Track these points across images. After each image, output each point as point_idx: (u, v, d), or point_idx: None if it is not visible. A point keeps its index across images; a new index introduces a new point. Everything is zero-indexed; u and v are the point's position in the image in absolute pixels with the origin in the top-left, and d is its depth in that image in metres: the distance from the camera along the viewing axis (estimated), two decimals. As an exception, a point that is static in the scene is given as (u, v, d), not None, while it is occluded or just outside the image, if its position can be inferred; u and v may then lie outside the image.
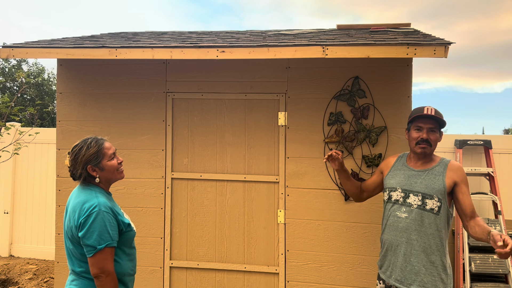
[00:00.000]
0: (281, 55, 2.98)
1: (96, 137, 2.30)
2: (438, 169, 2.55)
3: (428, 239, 2.50)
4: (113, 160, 2.28)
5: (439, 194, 2.50)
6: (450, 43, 2.78)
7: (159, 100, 3.62)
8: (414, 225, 2.53)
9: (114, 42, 3.42)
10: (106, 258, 2.09)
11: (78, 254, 2.17)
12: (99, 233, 2.08)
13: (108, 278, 2.08)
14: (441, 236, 2.50)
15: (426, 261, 2.49)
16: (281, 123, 3.46)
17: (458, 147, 5.01)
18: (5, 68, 14.55)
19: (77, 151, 2.22)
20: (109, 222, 2.12)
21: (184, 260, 3.59)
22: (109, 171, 2.26)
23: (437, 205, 2.49)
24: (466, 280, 4.49)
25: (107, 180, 2.29)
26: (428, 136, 2.57)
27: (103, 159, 2.24)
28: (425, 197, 2.52)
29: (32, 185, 6.22)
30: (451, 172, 2.52)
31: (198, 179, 3.58)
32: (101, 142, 2.27)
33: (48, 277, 5.59)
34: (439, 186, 2.50)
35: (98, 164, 2.23)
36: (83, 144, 2.24)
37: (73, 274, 2.21)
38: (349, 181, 2.86)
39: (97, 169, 2.23)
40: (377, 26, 3.96)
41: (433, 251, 2.49)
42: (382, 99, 3.35)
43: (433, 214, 2.50)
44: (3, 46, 3.26)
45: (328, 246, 3.39)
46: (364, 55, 2.87)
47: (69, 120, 3.71)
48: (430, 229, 2.49)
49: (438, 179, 2.52)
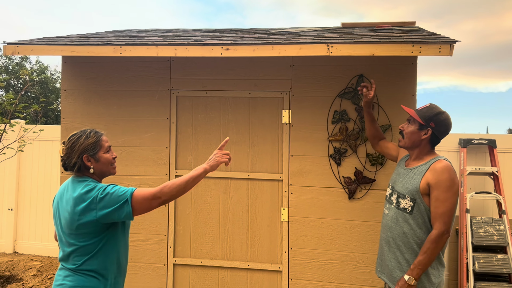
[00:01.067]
0: (286, 53, 2.98)
1: (94, 129, 2.32)
2: (421, 168, 2.47)
3: (401, 237, 2.49)
4: (108, 153, 2.29)
5: (411, 194, 2.44)
6: (455, 41, 2.78)
7: (163, 98, 3.62)
8: (391, 223, 2.57)
9: (118, 39, 3.43)
10: (142, 196, 2.06)
11: (76, 247, 2.12)
12: (119, 189, 2.08)
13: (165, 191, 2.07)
14: (418, 236, 2.43)
15: (402, 258, 2.49)
16: (285, 121, 3.46)
17: (463, 146, 4.99)
18: (9, 66, 14.60)
19: (75, 140, 2.22)
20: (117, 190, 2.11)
21: (187, 258, 3.59)
22: (103, 163, 2.26)
23: (410, 205, 2.46)
24: (470, 280, 4.48)
25: (100, 172, 2.28)
26: (403, 127, 2.59)
27: (100, 151, 2.24)
28: (400, 196, 2.52)
29: (36, 182, 6.24)
30: (429, 173, 2.41)
31: (202, 177, 3.58)
32: (99, 134, 2.28)
33: (52, 273, 5.61)
34: (413, 186, 2.44)
35: (94, 154, 2.23)
36: (81, 134, 2.25)
37: (66, 270, 2.16)
38: (372, 122, 2.97)
39: (92, 160, 2.22)
40: (381, 25, 3.95)
41: (407, 250, 2.46)
42: (386, 97, 3.34)
43: (407, 213, 2.47)
44: (8, 43, 3.27)
45: (331, 244, 3.39)
46: (369, 53, 2.87)
47: (74, 117, 3.72)
48: (403, 228, 2.48)
49: (415, 179, 2.46)
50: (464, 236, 4.66)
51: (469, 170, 4.87)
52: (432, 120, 2.48)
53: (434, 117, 2.49)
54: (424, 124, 2.49)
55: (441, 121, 2.49)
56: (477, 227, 4.64)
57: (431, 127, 2.49)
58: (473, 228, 4.64)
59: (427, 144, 2.53)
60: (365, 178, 3.34)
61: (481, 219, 4.69)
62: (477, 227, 4.64)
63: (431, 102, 2.59)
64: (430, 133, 2.49)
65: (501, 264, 4.44)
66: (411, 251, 2.45)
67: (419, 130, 2.51)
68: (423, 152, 2.54)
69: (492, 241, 4.56)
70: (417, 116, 2.51)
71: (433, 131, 2.49)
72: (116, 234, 2.20)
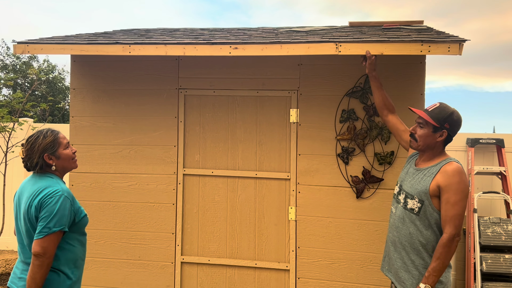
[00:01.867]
0: (294, 52, 2.99)
1: (50, 128, 2.41)
2: (432, 169, 2.42)
3: (407, 237, 2.46)
4: (67, 149, 2.38)
5: (419, 195, 2.40)
6: (464, 40, 2.77)
7: (171, 97, 3.63)
8: (398, 222, 2.54)
9: (127, 38, 3.44)
10: (54, 241, 2.16)
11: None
12: (59, 217, 2.17)
13: (47, 261, 2.14)
14: (424, 237, 2.40)
15: (407, 259, 2.47)
16: (293, 120, 3.47)
17: (470, 145, 4.98)
18: (16, 65, 14.69)
19: (33, 141, 2.31)
20: (68, 209, 2.22)
21: (195, 256, 3.61)
22: (64, 159, 2.36)
23: (417, 206, 2.42)
24: (477, 280, 4.46)
25: (62, 168, 2.38)
26: (415, 130, 2.51)
27: (59, 148, 2.34)
28: (407, 197, 2.49)
29: (44, 180, 6.28)
30: (440, 175, 2.36)
31: (209, 175, 3.60)
32: (56, 132, 2.38)
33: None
34: (422, 187, 2.40)
35: (54, 152, 2.32)
36: (39, 134, 2.33)
37: (25, 264, 2.27)
38: (380, 91, 2.89)
39: (53, 158, 2.32)
40: (389, 23, 3.94)
41: (412, 250, 2.44)
42: (395, 96, 3.32)
43: (413, 214, 2.44)
44: (19, 42, 3.30)
45: (339, 244, 3.39)
46: (377, 52, 2.86)
47: (82, 115, 3.74)
48: (409, 228, 2.45)
49: (425, 180, 2.41)
50: (472, 236, 4.64)
51: (476, 170, 4.85)
52: (447, 121, 2.41)
53: (448, 118, 2.41)
54: (438, 126, 2.42)
55: (455, 121, 2.43)
56: (484, 227, 4.62)
57: (446, 129, 2.42)
58: (481, 228, 4.62)
59: (441, 145, 2.47)
60: (373, 177, 3.34)
61: (489, 219, 4.68)
62: (484, 227, 4.62)
63: (439, 101, 2.52)
64: (446, 135, 2.43)
65: (509, 264, 4.42)
66: (417, 252, 2.43)
67: (433, 132, 2.44)
68: (436, 153, 2.48)
69: (500, 241, 4.54)
70: (430, 118, 2.43)
71: (448, 132, 2.43)
72: (71, 232, 2.29)
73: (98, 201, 3.70)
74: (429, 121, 2.43)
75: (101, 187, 3.70)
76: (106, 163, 3.70)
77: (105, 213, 3.69)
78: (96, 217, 3.70)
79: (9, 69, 14.39)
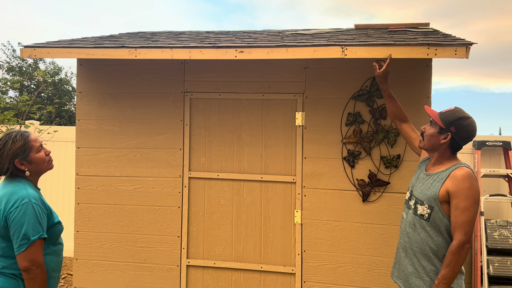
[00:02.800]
0: (300, 55, 2.98)
1: (20, 130, 2.25)
2: (441, 175, 2.39)
3: (418, 243, 2.44)
4: (40, 152, 2.24)
5: (429, 201, 2.38)
6: (471, 43, 2.75)
7: (177, 100, 3.64)
8: (408, 228, 2.51)
9: (133, 42, 3.45)
10: (37, 249, 2.06)
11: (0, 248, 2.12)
12: (32, 225, 2.05)
13: (39, 270, 2.05)
14: (435, 243, 2.38)
15: (418, 265, 2.44)
16: (299, 123, 3.46)
17: (477, 148, 4.95)
18: (23, 68, 14.77)
19: (2, 146, 2.15)
20: (39, 214, 2.09)
21: (200, 259, 3.61)
22: (37, 163, 2.23)
23: (427, 212, 2.39)
24: (484, 283, 4.43)
25: (37, 172, 2.25)
26: (425, 128, 2.53)
27: (31, 152, 2.19)
28: (417, 202, 2.46)
29: (50, 183, 6.31)
30: (449, 181, 2.32)
31: (215, 179, 3.60)
32: (26, 135, 2.22)
33: (66, 273, 5.67)
34: (432, 193, 2.37)
35: (26, 157, 2.18)
36: (7, 139, 2.17)
37: None
38: (389, 99, 2.87)
39: (25, 163, 2.18)
40: (395, 26, 3.93)
41: (423, 257, 2.42)
42: (401, 99, 3.30)
43: (424, 220, 2.41)
44: (25, 46, 3.32)
45: (345, 247, 3.38)
46: (384, 56, 2.85)
47: (88, 119, 3.76)
48: (421, 234, 2.42)
49: (434, 186, 2.38)
50: (479, 239, 4.61)
51: (483, 172, 4.82)
52: (453, 125, 2.38)
53: (455, 122, 2.38)
54: (444, 128, 2.40)
55: (463, 127, 2.38)
56: (491, 230, 4.59)
57: (451, 132, 2.39)
58: (488, 231, 4.59)
59: (447, 148, 2.44)
60: (379, 180, 3.32)
61: (496, 222, 4.65)
62: (491, 230, 4.60)
63: (456, 106, 2.49)
64: (450, 138, 2.40)
65: (517, 267, 4.39)
66: (428, 259, 2.41)
67: (438, 133, 2.42)
68: (443, 156, 2.45)
69: (507, 244, 4.51)
70: (438, 119, 2.42)
71: (452, 136, 2.39)
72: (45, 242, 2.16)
73: (104, 204, 3.71)
74: (437, 121, 2.43)
75: (107, 190, 3.71)
76: (112, 166, 3.70)
77: (111, 216, 3.70)
78: (102, 220, 3.71)
79: (15, 72, 14.47)
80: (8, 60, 14.81)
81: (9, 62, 14.78)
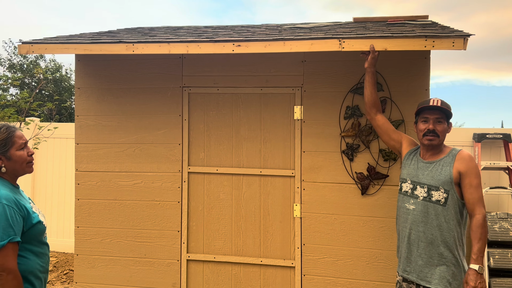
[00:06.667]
0: (297, 49, 2.97)
1: (7, 123, 2.15)
2: (446, 159, 2.55)
3: (434, 231, 2.50)
4: (22, 151, 2.13)
5: (445, 185, 2.50)
6: (469, 35, 2.74)
7: (175, 95, 3.64)
8: (420, 217, 2.57)
9: (131, 37, 3.45)
10: (8, 254, 1.94)
11: None
12: (2, 228, 1.94)
13: (10, 277, 1.93)
14: (450, 228, 2.49)
15: (434, 253, 2.51)
16: (297, 117, 3.46)
17: (477, 141, 4.94)
18: (23, 65, 14.78)
19: None
20: (11, 216, 1.97)
21: (200, 253, 3.62)
22: (16, 161, 2.11)
23: (443, 197, 2.49)
24: (485, 276, 4.44)
25: (13, 171, 2.13)
26: (435, 127, 2.60)
27: (12, 148, 2.09)
28: (431, 189, 2.54)
29: (51, 179, 6.34)
30: (458, 162, 2.51)
31: (214, 173, 3.60)
32: (12, 130, 2.12)
33: (67, 269, 5.70)
34: (445, 177, 2.50)
35: (5, 152, 2.08)
36: None
37: None
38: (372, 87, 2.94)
39: (3, 158, 2.08)
40: (394, 19, 3.92)
41: (441, 243, 2.49)
42: (399, 92, 3.31)
43: (440, 205, 2.50)
44: (23, 42, 3.32)
45: (344, 240, 3.39)
46: (381, 48, 2.85)
47: (87, 115, 3.76)
48: (436, 220, 2.50)
49: (445, 170, 2.52)
50: (479, 231, 4.61)
51: (483, 165, 4.81)
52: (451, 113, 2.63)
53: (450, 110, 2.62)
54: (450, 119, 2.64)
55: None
56: (492, 223, 4.59)
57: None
58: (488, 223, 4.59)
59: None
60: (378, 173, 3.32)
61: (496, 215, 4.64)
62: (492, 222, 4.60)
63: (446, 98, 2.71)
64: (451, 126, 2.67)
65: (517, 260, 4.39)
66: (444, 244, 2.49)
67: (447, 126, 2.64)
68: (442, 144, 2.64)
69: (508, 237, 4.51)
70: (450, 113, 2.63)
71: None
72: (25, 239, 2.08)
73: (104, 200, 3.72)
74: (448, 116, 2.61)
75: (106, 185, 3.72)
76: (111, 161, 3.71)
77: (110, 212, 3.71)
78: (102, 215, 3.72)
79: (16, 69, 14.49)
80: (9, 58, 14.82)
81: (11, 60, 14.79)
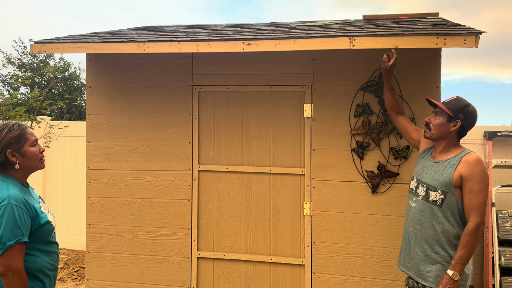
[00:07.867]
0: (307, 47, 2.97)
1: (18, 122, 2.19)
2: (452, 161, 2.50)
3: (430, 230, 2.50)
4: (34, 147, 2.17)
5: (443, 186, 2.46)
6: (481, 32, 2.72)
7: (185, 94, 3.66)
8: (418, 216, 2.58)
9: (141, 36, 3.47)
10: (14, 255, 1.96)
11: None
12: (9, 228, 1.95)
13: (16, 277, 1.96)
14: (445, 229, 2.46)
15: (430, 251, 2.50)
16: (307, 115, 3.46)
17: (488, 138, 4.90)
18: (33, 64, 14.90)
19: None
20: (20, 217, 1.99)
21: (211, 251, 3.64)
22: (30, 158, 2.15)
23: (440, 198, 2.47)
24: (496, 274, 4.41)
25: (26, 168, 2.16)
26: (430, 119, 2.61)
27: (25, 144, 2.13)
28: (429, 189, 2.53)
29: (62, 177, 6.39)
30: (462, 166, 2.44)
31: (224, 171, 3.61)
32: (24, 127, 2.16)
33: (78, 266, 5.75)
34: (445, 178, 2.46)
35: (19, 149, 2.11)
36: (4, 127, 2.11)
37: None
38: (391, 91, 2.94)
39: (17, 155, 2.11)
40: (404, 16, 3.90)
41: (436, 243, 2.48)
42: (410, 90, 3.30)
43: (436, 206, 2.49)
44: (35, 42, 3.35)
45: (354, 239, 3.38)
46: (392, 46, 2.83)
47: (98, 113, 3.79)
48: (431, 220, 2.50)
49: (446, 171, 2.47)
50: (490, 230, 4.58)
51: (494, 163, 4.77)
52: (462, 112, 2.51)
53: (463, 109, 2.52)
54: (453, 116, 2.52)
55: (469, 113, 2.53)
56: (503, 221, 4.56)
57: (460, 119, 2.52)
58: (499, 222, 4.56)
59: (455, 136, 2.56)
60: (389, 172, 3.31)
61: (507, 213, 4.61)
62: (503, 221, 4.56)
63: (457, 95, 2.62)
64: (460, 125, 2.52)
65: (529, 258, 4.35)
66: (439, 244, 2.47)
67: (448, 122, 2.54)
68: (450, 144, 2.57)
69: (519, 236, 4.47)
70: (446, 108, 2.53)
71: (462, 123, 2.52)
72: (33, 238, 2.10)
73: (115, 198, 3.75)
74: (445, 110, 2.52)
75: (117, 183, 3.75)
76: (122, 160, 3.74)
77: (122, 210, 3.74)
78: (113, 213, 3.75)
79: (26, 68, 14.60)
80: (19, 57, 14.94)
81: (21, 59, 14.91)
